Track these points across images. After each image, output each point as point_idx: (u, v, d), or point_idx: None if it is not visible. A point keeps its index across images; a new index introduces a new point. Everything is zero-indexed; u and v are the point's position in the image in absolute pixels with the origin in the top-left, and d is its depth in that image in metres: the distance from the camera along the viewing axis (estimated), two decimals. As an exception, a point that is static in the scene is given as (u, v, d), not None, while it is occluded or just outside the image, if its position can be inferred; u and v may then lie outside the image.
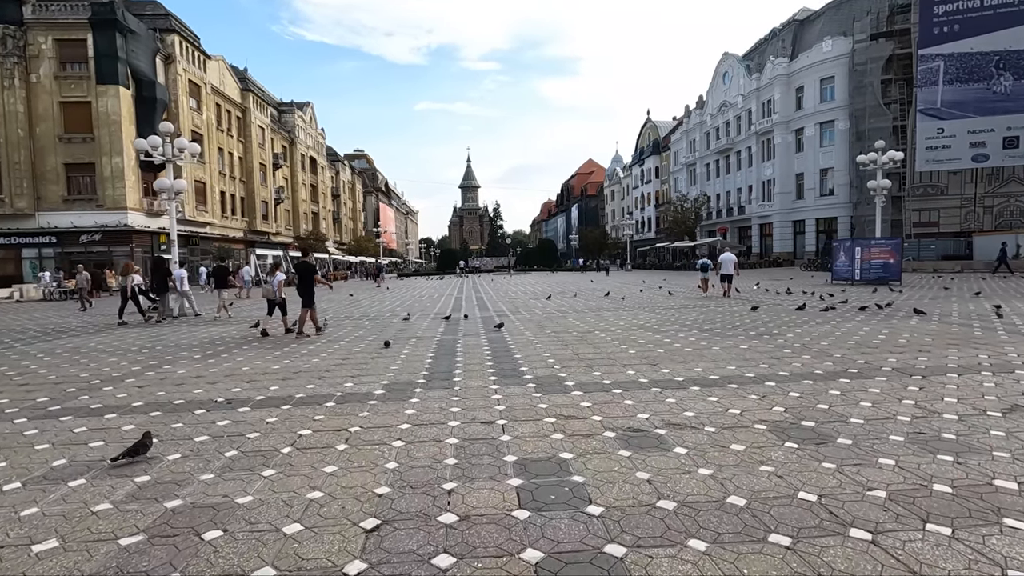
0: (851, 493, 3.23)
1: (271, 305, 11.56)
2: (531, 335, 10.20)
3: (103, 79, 36.01)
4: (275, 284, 11.40)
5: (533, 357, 7.83)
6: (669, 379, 6.25)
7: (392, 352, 8.65)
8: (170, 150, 16.79)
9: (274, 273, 11.88)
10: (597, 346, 8.67)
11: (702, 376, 6.34)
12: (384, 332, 11.38)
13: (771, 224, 52.33)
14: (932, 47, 39.61)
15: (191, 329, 12.94)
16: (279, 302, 11.43)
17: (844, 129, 45.69)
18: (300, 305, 11.17)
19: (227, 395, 6.05)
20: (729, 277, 18.48)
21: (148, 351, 9.56)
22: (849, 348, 7.90)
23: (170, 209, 16.91)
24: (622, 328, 10.85)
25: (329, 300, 22.57)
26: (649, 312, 14.02)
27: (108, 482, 3.69)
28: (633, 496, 3.25)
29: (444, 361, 7.72)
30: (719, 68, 61.60)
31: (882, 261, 23.12)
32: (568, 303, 17.66)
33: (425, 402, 5.51)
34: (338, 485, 3.53)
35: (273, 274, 11.90)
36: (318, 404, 5.53)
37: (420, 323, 13.14)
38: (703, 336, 9.42)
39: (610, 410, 5.06)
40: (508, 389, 5.95)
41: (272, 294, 11.38)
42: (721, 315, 12.73)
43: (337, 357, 8.34)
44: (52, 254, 36.70)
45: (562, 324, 11.90)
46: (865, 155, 25.03)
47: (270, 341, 10.38)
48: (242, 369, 7.53)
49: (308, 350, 9.12)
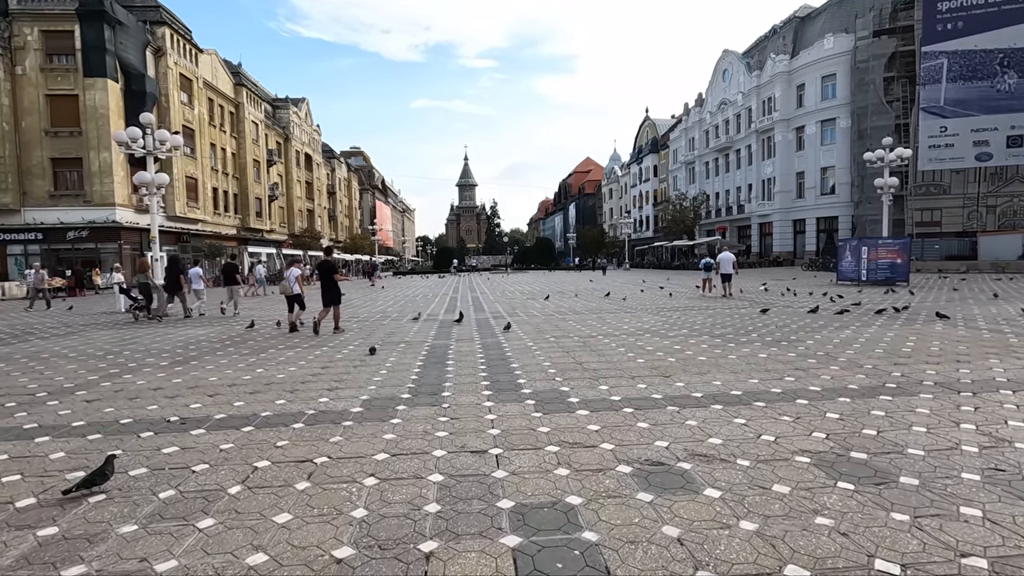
0: (941, 560, 2.52)
1: (290, 301, 11.64)
2: (529, 340, 9.47)
3: (91, 72, 35.10)
4: (291, 280, 11.63)
5: (532, 366, 7.10)
6: (686, 395, 5.54)
7: (377, 360, 7.91)
8: (151, 142, 15.98)
9: (290, 269, 12.05)
10: (602, 354, 7.95)
11: (723, 391, 5.62)
12: (372, 336, 10.64)
13: (771, 223, 51.71)
14: (936, 44, 39.04)
15: (171, 330, 12.19)
16: (296, 297, 11.56)
17: (846, 127, 45.08)
18: (321, 302, 11.19)
19: (184, 412, 5.31)
20: (728, 277, 18.29)
21: (114, 357, 8.80)
22: (878, 357, 7.20)
23: (151, 204, 16.13)
24: (627, 332, 10.13)
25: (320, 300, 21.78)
26: (653, 314, 13.31)
27: (0, 538, 2.95)
28: (663, 565, 2.53)
29: (433, 371, 6.99)
30: (719, 65, 60.92)
31: (889, 261, 22.47)
32: (567, 304, 16.95)
33: (408, 424, 4.78)
34: (289, 543, 2.80)
35: (289, 270, 12.05)
36: (284, 426, 4.79)
37: (410, 325, 12.40)
38: (716, 342, 8.70)
39: (622, 435, 4.34)
40: (504, 407, 5.23)
41: (289, 290, 11.55)
42: (730, 318, 12.02)
43: (316, 365, 7.60)
44: (38, 251, 35.77)
45: (562, 328, 11.18)
46: (872, 152, 24.34)
47: (247, 347, 9.64)
48: (209, 380, 6.78)
49: (287, 357, 8.38)
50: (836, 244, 26.43)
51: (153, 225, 16.12)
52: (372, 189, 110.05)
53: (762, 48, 56.76)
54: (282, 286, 11.95)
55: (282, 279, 12.34)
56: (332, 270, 11.21)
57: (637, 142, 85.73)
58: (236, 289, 16.49)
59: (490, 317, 13.63)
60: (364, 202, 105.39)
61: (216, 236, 46.92)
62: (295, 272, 11.90)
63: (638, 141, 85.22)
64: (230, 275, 16.65)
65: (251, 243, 52.61)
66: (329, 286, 10.99)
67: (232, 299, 16.18)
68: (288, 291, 11.56)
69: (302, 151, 68.57)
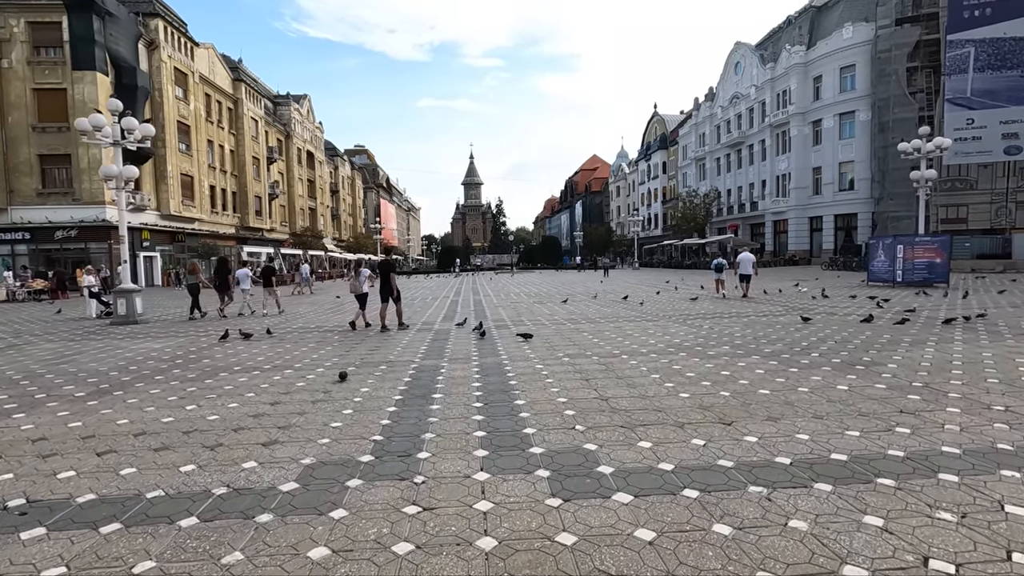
0: None
1: (360, 299, 12.61)
2: (537, 360, 7.78)
3: (79, 64, 33.68)
4: (362, 279, 12.54)
5: (542, 404, 5.41)
6: (767, 461, 3.83)
7: (346, 390, 6.24)
8: (118, 132, 14.41)
9: (358, 270, 12.88)
10: (632, 383, 6.24)
11: (818, 454, 3.92)
12: (353, 351, 9.00)
13: (786, 221, 49.77)
14: (962, 32, 37.20)
15: (126, 343, 10.60)
16: (364, 296, 12.56)
17: (865, 120, 43.08)
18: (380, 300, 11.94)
19: (42, 487, 3.67)
20: (748, 277, 17.61)
21: (29, 381, 7.19)
22: (1001, 392, 5.47)
23: (118, 200, 14.59)
24: (655, 350, 8.41)
25: (311, 304, 20.23)
26: (679, 323, 11.57)
27: None
28: None
29: (413, 410, 5.31)
30: (731, 58, 58.95)
31: (927, 261, 20.66)
32: (579, 309, 15.26)
33: (355, 521, 3.10)
34: None
35: (358, 271, 12.85)
36: (167, 523, 3.13)
37: (400, 337, 10.74)
38: (771, 365, 6.98)
39: (696, 556, 2.65)
40: (505, 484, 3.55)
41: (359, 289, 12.52)
42: (772, 329, 10.29)
43: (267, 399, 5.94)
44: (26, 251, 34.43)
45: (576, 341, 9.47)
46: (907, 143, 22.49)
47: (196, 369, 7.99)
48: (116, 424, 5.14)
49: (237, 384, 6.73)
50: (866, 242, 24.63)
51: (121, 223, 14.58)
52: (377, 188, 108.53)
53: (776, 40, 54.75)
54: (352, 285, 12.80)
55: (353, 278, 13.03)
56: (391, 269, 12.00)
57: (645, 138, 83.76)
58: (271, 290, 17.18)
59: (492, 327, 11.96)
60: (368, 201, 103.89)
61: (213, 235, 45.44)
62: (366, 272, 12.83)
63: (646, 137, 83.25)
64: (269, 277, 17.56)
65: (250, 242, 51.09)
66: (387, 283, 11.77)
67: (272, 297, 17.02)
68: (358, 290, 12.56)
69: (304, 148, 67.08)
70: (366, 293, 12.59)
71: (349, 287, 13.18)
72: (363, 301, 12.60)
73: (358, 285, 12.50)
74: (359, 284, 12.48)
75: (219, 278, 16.18)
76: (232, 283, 16.50)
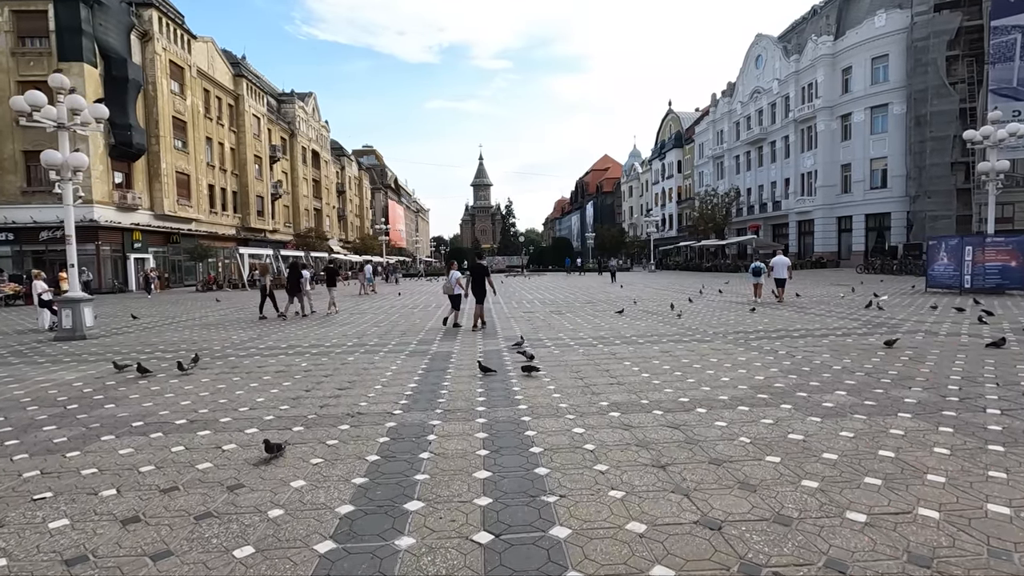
0: None
1: (453, 300, 13.13)
2: (573, 414, 5.36)
3: (66, 55, 31.72)
4: (453, 281, 12.99)
5: (592, 523, 3.04)
6: None
7: (264, 485, 3.85)
8: (64, 112, 12.22)
9: (449, 272, 13.43)
10: (741, 476, 3.79)
11: None
12: (314, 390, 6.67)
13: (812, 221, 47.01)
14: (1008, 17, 34.78)
15: (41, 369, 8.36)
16: (457, 297, 13.05)
17: (900, 114, 40.30)
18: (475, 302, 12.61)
19: None
20: (783, 282, 17.34)
21: None
22: None
23: (64, 192, 12.40)
24: (741, 397, 5.90)
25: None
26: (742, 346, 9.11)
27: None
28: None
29: (369, 537, 2.97)
30: (751, 51, 56.26)
31: (1000, 264, 18.10)
32: (607, 323, 12.85)
33: None
34: None
35: (449, 273, 13.41)
36: None
37: (385, 365, 8.40)
38: (942, 432, 4.56)
39: None
40: None
41: (451, 289, 12.97)
42: (871, 355, 7.82)
43: (127, 505, 3.61)
44: (9, 252, 32.55)
45: (620, 379, 6.98)
46: (975, 130, 19.92)
47: (73, 428, 5.71)
48: None
49: (108, 463, 4.44)
50: (929, 244, 22.07)
51: (68, 221, 12.39)
52: (385, 188, 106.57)
53: (800, 31, 52.03)
54: (444, 286, 13.19)
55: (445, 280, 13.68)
56: (486, 272, 12.69)
57: (659, 137, 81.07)
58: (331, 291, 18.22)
59: (504, 348, 9.59)
60: (376, 201, 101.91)
61: (212, 236, 43.45)
62: (456, 275, 13.21)
63: (660, 136, 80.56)
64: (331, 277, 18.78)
65: (251, 243, 48.95)
66: (479, 285, 12.45)
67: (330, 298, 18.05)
68: (450, 291, 12.98)
69: (309, 147, 65.11)
70: (459, 294, 13.03)
71: (443, 288, 13.57)
72: (458, 302, 13.18)
73: (449, 286, 13.03)
74: (450, 285, 13.01)
75: (291, 281, 16.98)
76: (304, 286, 17.01)
